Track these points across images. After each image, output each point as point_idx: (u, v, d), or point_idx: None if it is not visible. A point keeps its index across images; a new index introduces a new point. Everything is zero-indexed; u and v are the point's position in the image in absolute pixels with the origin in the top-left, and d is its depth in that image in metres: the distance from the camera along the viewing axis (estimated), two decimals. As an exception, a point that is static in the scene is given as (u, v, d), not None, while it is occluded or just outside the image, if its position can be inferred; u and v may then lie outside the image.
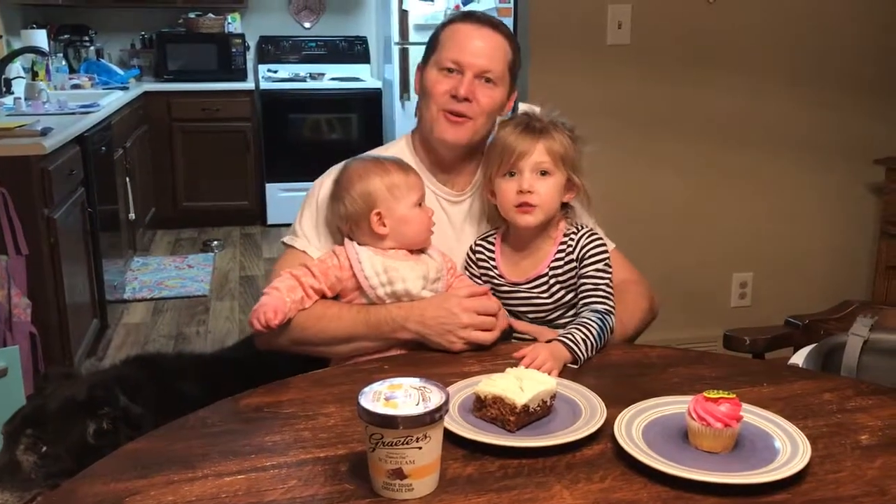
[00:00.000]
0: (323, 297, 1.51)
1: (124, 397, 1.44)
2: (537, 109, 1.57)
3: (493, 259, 1.59)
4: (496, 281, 1.58)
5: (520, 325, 1.56)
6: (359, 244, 1.52)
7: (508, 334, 1.53)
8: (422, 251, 1.55)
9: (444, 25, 1.66)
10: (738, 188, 3.19)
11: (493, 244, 1.61)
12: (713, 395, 1.11)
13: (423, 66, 1.67)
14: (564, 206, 1.58)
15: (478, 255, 1.62)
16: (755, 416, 1.17)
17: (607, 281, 1.52)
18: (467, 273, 1.63)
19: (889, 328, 1.67)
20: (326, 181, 1.62)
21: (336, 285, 1.51)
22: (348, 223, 1.53)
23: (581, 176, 1.56)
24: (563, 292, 1.54)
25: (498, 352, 1.45)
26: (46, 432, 1.39)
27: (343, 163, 1.60)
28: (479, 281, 1.60)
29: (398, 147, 1.72)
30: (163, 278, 4.56)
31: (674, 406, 1.20)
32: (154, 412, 1.40)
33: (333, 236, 1.59)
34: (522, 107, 1.59)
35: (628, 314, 1.58)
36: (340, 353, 1.49)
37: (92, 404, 1.42)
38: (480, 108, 1.60)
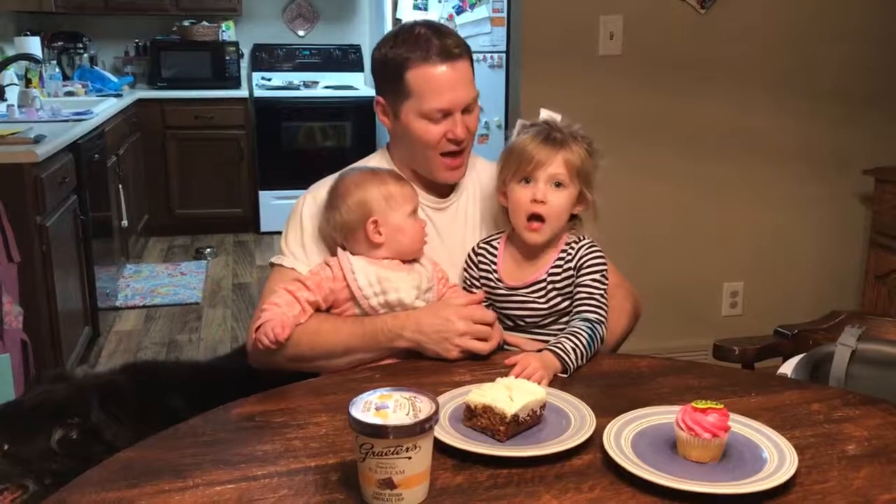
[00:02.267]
0: (317, 309, 1.51)
1: (101, 410, 1.43)
2: (558, 118, 1.57)
3: (495, 263, 1.60)
4: (493, 284, 1.59)
5: (511, 339, 1.56)
6: (352, 254, 1.53)
7: (501, 345, 1.54)
8: (414, 261, 1.56)
9: (404, 65, 1.57)
10: (729, 198, 3.21)
11: (496, 248, 1.62)
12: (701, 405, 1.12)
13: (389, 105, 1.63)
14: (572, 217, 1.58)
15: (479, 258, 1.62)
16: (743, 426, 1.18)
17: (602, 291, 1.53)
18: (466, 274, 1.64)
19: (877, 338, 1.69)
20: (309, 198, 1.64)
21: (329, 297, 1.51)
22: (343, 232, 1.54)
23: (593, 190, 1.57)
24: (559, 299, 1.55)
25: (488, 362, 1.46)
26: (11, 432, 1.38)
27: (336, 174, 1.60)
28: (477, 283, 1.61)
29: (375, 161, 1.72)
30: (155, 286, 4.56)
31: (662, 416, 1.21)
32: (135, 425, 1.39)
33: (323, 249, 1.60)
34: (544, 113, 1.58)
35: (612, 319, 1.57)
36: (337, 366, 1.49)
37: (63, 411, 1.41)
38: (471, 134, 1.64)
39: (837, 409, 1.29)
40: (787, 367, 1.66)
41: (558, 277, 1.55)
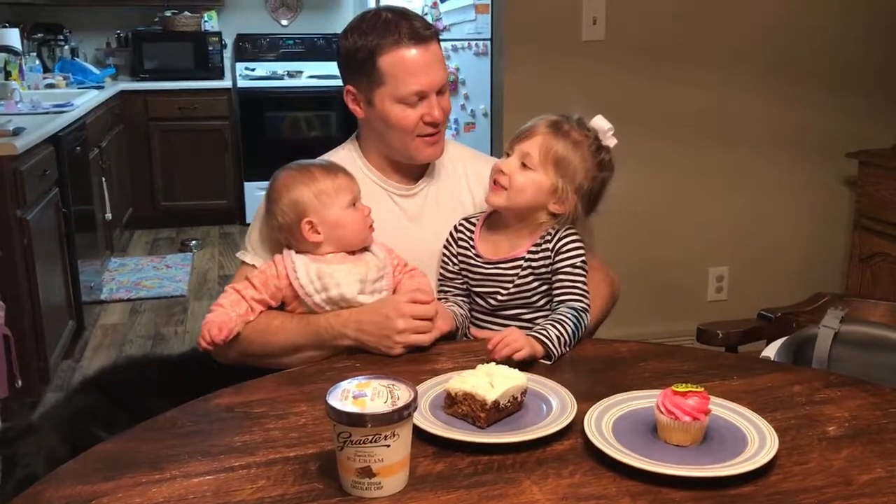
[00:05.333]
0: (269, 307, 1.51)
1: (102, 432, 1.42)
2: (606, 126, 1.57)
3: (473, 239, 1.60)
4: (472, 260, 1.59)
5: (479, 334, 1.56)
6: (298, 252, 1.51)
7: (463, 334, 1.55)
8: (365, 249, 1.54)
9: (375, 51, 1.55)
10: (714, 183, 3.21)
11: (474, 224, 1.63)
12: (681, 388, 1.12)
13: (361, 93, 1.60)
14: (555, 216, 1.56)
15: (459, 234, 1.63)
16: (724, 409, 1.18)
17: (584, 279, 1.53)
18: (446, 251, 1.63)
19: (859, 320, 1.69)
20: None
21: (277, 294, 1.50)
22: (283, 233, 1.53)
23: (582, 199, 1.54)
24: (532, 278, 1.54)
25: (469, 349, 1.45)
26: None
27: (274, 173, 1.58)
28: (455, 259, 1.61)
29: (340, 154, 1.70)
30: (140, 279, 4.53)
31: (643, 400, 1.20)
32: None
33: (278, 247, 1.58)
34: (598, 119, 1.57)
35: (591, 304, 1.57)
36: (289, 363, 1.48)
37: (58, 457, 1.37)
38: (447, 115, 1.63)
39: (818, 391, 1.29)
40: (771, 350, 1.66)
41: (536, 257, 1.54)
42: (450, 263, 1.63)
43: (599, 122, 1.57)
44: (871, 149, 3.13)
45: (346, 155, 1.69)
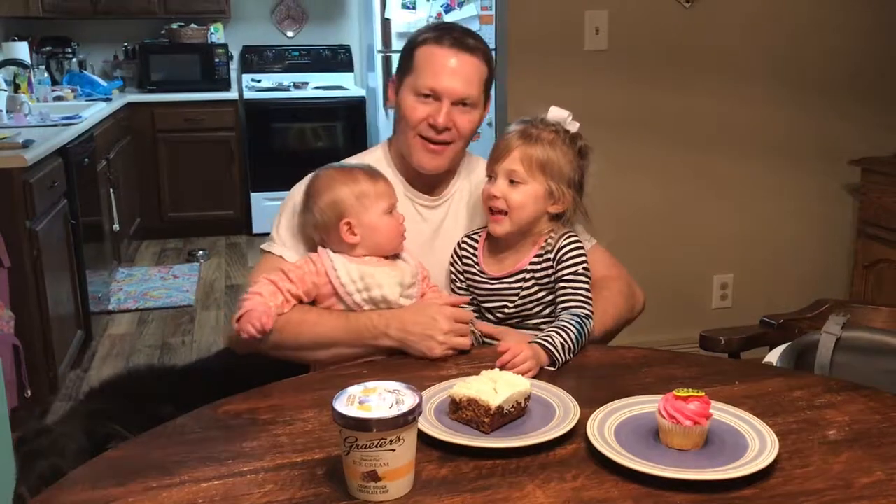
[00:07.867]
0: (300, 302, 1.52)
1: (122, 428, 1.44)
2: (565, 114, 1.57)
3: (476, 256, 1.62)
4: (477, 278, 1.60)
5: (483, 327, 1.58)
6: (332, 251, 1.53)
7: (479, 340, 1.56)
8: (396, 256, 1.57)
9: (418, 42, 1.63)
10: (718, 190, 3.22)
11: (477, 241, 1.64)
12: (683, 393, 1.13)
13: (397, 82, 1.67)
14: (559, 217, 1.58)
15: (462, 252, 1.64)
16: (725, 414, 1.19)
17: (586, 285, 1.54)
18: (452, 269, 1.65)
19: (861, 326, 1.70)
20: (303, 187, 1.63)
21: (312, 291, 1.52)
22: (319, 232, 1.55)
23: (576, 191, 1.56)
24: (535, 288, 1.56)
25: (474, 355, 1.47)
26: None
27: (315, 171, 1.61)
28: (461, 277, 1.63)
29: (375, 155, 1.73)
30: (148, 289, 4.56)
31: (645, 405, 1.22)
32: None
33: (308, 243, 1.61)
34: (552, 111, 1.58)
35: (601, 311, 1.57)
36: (319, 358, 1.50)
37: (102, 446, 1.40)
38: (459, 133, 1.62)
39: (819, 396, 1.30)
40: (773, 356, 1.67)
41: (539, 267, 1.56)
42: (457, 281, 1.65)
43: (557, 113, 1.58)
44: (874, 156, 3.15)
45: (376, 159, 1.70)
